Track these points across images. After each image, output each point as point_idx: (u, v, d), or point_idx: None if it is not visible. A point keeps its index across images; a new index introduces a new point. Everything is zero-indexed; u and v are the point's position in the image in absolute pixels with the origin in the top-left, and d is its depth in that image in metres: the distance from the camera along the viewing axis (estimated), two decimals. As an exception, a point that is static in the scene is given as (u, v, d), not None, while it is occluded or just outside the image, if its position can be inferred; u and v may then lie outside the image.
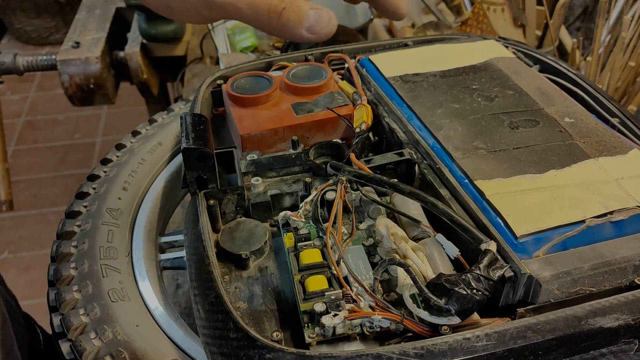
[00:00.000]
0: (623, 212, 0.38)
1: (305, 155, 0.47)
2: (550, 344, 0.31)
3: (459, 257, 0.37)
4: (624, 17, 0.87)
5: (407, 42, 0.62)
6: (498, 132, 0.45)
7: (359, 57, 0.59)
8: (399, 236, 0.37)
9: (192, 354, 0.43)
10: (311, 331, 0.34)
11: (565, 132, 0.45)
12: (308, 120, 0.50)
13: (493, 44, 0.60)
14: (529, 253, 0.36)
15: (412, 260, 0.36)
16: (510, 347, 0.31)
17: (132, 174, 0.57)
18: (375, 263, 0.39)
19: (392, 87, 0.53)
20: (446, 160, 0.43)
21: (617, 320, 0.32)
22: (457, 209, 0.40)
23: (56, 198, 1.82)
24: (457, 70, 0.54)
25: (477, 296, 0.32)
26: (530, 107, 0.49)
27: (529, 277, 0.34)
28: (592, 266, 0.35)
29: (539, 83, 0.53)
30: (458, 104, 0.49)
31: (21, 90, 2.27)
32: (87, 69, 1.12)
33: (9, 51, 1.20)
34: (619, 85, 0.87)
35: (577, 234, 0.37)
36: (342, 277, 0.36)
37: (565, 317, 0.32)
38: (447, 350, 0.31)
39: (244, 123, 0.50)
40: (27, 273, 1.61)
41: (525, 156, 0.43)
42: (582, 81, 0.56)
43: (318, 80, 0.54)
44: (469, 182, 0.41)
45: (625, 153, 0.43)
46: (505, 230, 0.37)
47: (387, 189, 0.42)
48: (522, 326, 0.32)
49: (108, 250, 0.49)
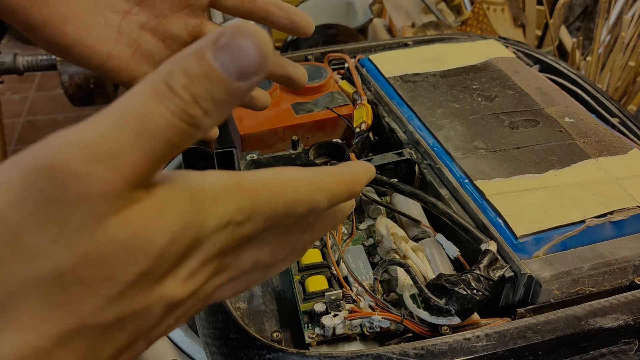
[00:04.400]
0: (623, 212, 0.38)
1: (305, 155, 0.47)
2: (550, 344, 0.31)
3: (459, 257, 0.37)
4: (624, 17, 0.87)
5: (407, 41, 0.62)
6: (498, 132, 0.45)
7: (359, 57, 0.59)
8: (399, 236, 0.37)
9: (192, 354, 0.43)
10: (311, 331, 0.34)
11: (565, 132, 0.45)
12: (308, 120, 0.50)
13: (493, 43, 0.60)
14: (529, 253, 0.36)
15: (412, 261, 0.36)
16: (510, 347, 0.31)
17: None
18: (375, 263, 0.39)
19: (392, 86, 0.52)
20: (446, 160, 0.43)
21: (617, 320, 0.32)
22: (457, 209, 0.40)
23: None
24: (457, 70, 0.54)
25: (477, 296, 0.32)
26: (530, 107, 0.49)
27: (529, 277, 0.34)
28: (592, 266, 0.35)
29: (539, 83, 0.53)
30: (458, 103, 0.49)
31: (21, 90, 2.27)
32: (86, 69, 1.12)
33: (9, 51, 1.20)
34: (619, 85, 0.87)
35: (577, 234, 0.37)
36: (342, 277, 0.36)
37: (565, 318, 0.32)
38: (447, 351, 0.31)
39: (243, 123, 0.50)
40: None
41: (525, 156, 0.43)
42: (582, 81, 0.56)
43: (318, 80, 0.54)
44: (469, 182, 0.41)
45: (625, 153, 0.43)
46: (505, 230, 0.37)
47: (387, 189, 0.42)
48: (522, 326, 0.32)
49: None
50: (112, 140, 0.16)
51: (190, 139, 0.17)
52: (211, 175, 0.19)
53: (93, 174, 0.15)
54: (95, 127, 0.16)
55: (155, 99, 0.16)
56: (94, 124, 0.16)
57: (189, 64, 0.16)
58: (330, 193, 0.21)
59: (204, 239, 0.18)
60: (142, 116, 0.16)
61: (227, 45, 0.16)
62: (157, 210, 0.17)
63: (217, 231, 0.18)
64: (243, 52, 0.16)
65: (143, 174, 0.16)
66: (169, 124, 0.16)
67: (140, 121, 0.16)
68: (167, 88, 0.16)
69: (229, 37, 0.16)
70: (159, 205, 0.17)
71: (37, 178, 0.15)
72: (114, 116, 0.16)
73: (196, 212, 0.18)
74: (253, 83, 0.17)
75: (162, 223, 0.17)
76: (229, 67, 0.17)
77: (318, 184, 0.21)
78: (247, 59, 0.16)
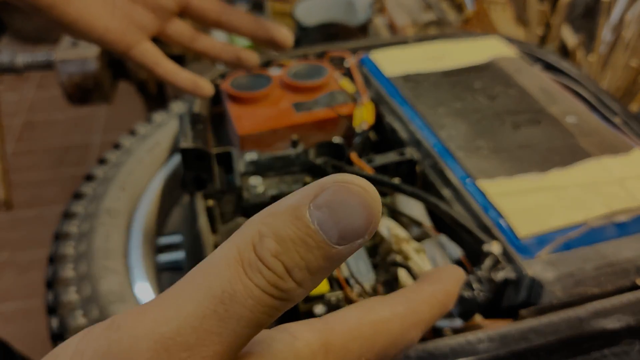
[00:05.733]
0: (625, 213, 0.37)
1: (305, 155, 0.47)
2: (552, 346, 0.31)
3: (461, 259, 0.36)
4: (625, 15, 0.87)
5: (408, 39, 0.62)
6: (500, 132, 0.45)
7: (360, 55, 0.58)
8: (400, 237, 0.37)
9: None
10: (311, 333, 0.34)
11: (567, 132, 0.45)
12: (308, 119, 0.50)
13: (495, 42, 0.59)
14: (532, 254, 0.35)
15: (414, 262, 0.36)
16: (513, 349, 0.31)
17: (131, 174, 0.57)
18: (376, 264, 0.39)
19: (394, 85, 0.52)
20: (448, 159, 0.43)
21: (619, 321, 0.32)
22: (459, 209, 0.39)
23: (55, 197, 1.82)
24: (459, 69, 0.54)
25: (479, 298, 0.32)
26: (532, 107, 0.48)
27: (532, 278, 0.34)
28: (594, 267, 0.35)
29: (541, 82, 0.52)
30: (460, 103, 0.49)
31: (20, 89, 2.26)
32: (85, 68, 1.12)
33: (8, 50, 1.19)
34: (621, 85, 0.86)
35: (580, 234, 0.36)
36: (342, 279, 0.36)
37: (568, 319, 0.32)
38: (449, 353, 0.30)
39: (243, 122, 0.49)
40: (25, 274, 1.60)
41: (527, 156, 0.42)
42: (584, 80, 0.56)
43: (318, 79, 0.53)
44: (471, 182, 0.40)
45: (627, 152, 0.43)
46: (507, 231, 0.36)
47: (389, 189, 0.41)
48: (524, 328, 0.31)
49: (106, 251, 0.49)
50: (190, 329, 0.13)
51: (278, 314, 0.15)
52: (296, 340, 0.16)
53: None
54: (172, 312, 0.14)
55: (242, 272, 0.14)
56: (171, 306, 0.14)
57: (283, 226, 0.14)
58: (425, 325, 0.19)
59: None
60: (227, 297, 0.14)
61: (329, 204, 0.14)
62: None
63: None
64: (348, 214, 0.14)
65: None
66: (257, 303, 0.14)
67: (225, 303, 0.14)
68: (256, 257, 0.14)
69: (331, 195, 0.14)
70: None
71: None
72: (194, 294, 0.14)
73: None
74: (356, 247, 0.14)
75: None
76: (330, 230, 0.14)
77: (412, 318, 0.18)
78: (352, 222, 0.14)
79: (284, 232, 0.14)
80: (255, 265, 0.14)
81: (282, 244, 0.14)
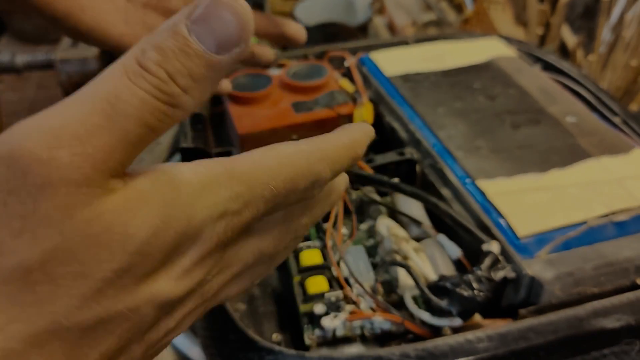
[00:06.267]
0: (625, 212, 0.38)
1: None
2: (551, 345, 0.31)
3: (460, 258, 0.37)
4: (625, 15, 0.87)
5: (408, 40, 0.62)
6: (500, 132, 0.45)
7: (359, 55, 0.58)
8: (400, 237, 0.37)
9: (191, 356, 0.43)
10: (311, 333, 0.34)
11: (567, 132, 0.45)
12: (308, 119, 0.50)
13: (495, 42, 0.60)
14: (531, 253, 0.35)
15: (414, 261, 0.36)
16: (512, 348, 0.31)
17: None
18: (376, 264, 0.39)
19: (393, 85, 0.52)
20: (448, 159, 0.43)
21: (619, 320, 0.32)
22: (459, 208, 0.39)
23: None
24: (458, 68, 0.54)
25: (479, 297, 0.32)
26: (532, 106, 0.48)
27: (531, 278, 0.34)
28: (594, 267, 0.35)
29: (540, 82, 0.52)
30: (460, 102, 0.49)
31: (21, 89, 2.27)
32: (85, 68, 1.12)
33: (8, 50, 1.20)
34: (621, 85, 0.86)
35: (579, 234, 0.36)
36: (342, 278, 0.36)
37: (567, 318, 0.32)
38: (449, 352, 0.30)
39: (242, 122, 0.49)
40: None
41: (527, 155, 0.42)
42: (584, 80, 0.56)
43: (318, 79, 0.53)
44: (471, 182, 0.40)
45: (627, 152, 0.43)
46: (507, 231, 0.36)
47: (388, 188, 0.41)
48: (524, 327, 0.31)
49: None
50: (79, 123, 0.14)
51: (169, 119, 0.16)
52: (198, 164, 0.17)
53: (56, 160, 0.14)
54: (60, 112, 0.15)
55: (126, 79, 0.15)
56: (60, 108, 0.15)
57: (162, 40, 0.15)
58: (331, 160, 0.20)
59: (196, 232, 0.17)
60: (112, 97, 0.15)
61: (203, 17, 0.15)
62: (135, 202, 0.15)
63: (211, 223, 0.17)
64: (221, 23, 0.15)
65: (116, 160, 0.15)
66: (143, 103, 0.15)
67: (111, 102, 0.15)
68: (139, 66, 0.15)
69: (204, 8, 0.15)
70: (137, 197, 0.15)
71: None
72: (82, 99, 0.15)
73: (181, 204, 0.16)
74: (235, 55, 0.16)
75: (141, 216, 0.15)
76: (206, 40, 0.15)
77: (317, 154, 0.19)
78: (226, 30, 0.15)
79: (164, 44, 0.15)
80: (138, 72, 0.15)
81: (162, 54, 0.15)
